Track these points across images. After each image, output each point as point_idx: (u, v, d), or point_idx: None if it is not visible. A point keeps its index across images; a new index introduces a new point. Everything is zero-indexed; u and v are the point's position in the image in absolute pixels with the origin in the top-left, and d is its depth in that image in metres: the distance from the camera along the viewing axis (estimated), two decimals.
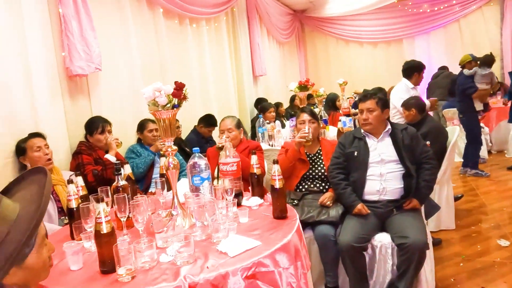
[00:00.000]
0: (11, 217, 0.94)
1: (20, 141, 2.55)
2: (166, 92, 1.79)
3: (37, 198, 0.99)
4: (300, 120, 2.88)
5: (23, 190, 1.05)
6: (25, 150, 2.54)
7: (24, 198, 1.01)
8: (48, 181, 1.02)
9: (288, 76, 8.57)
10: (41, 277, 1.05)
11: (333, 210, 2.50)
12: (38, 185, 1.03)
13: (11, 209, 0.96)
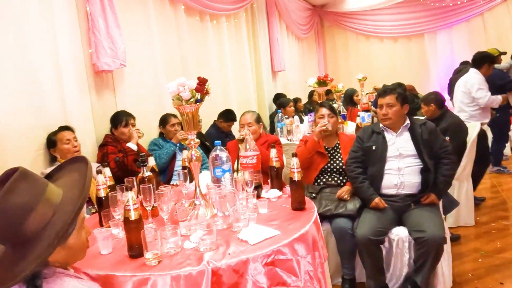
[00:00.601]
0: (56, 201, 1.04)
1: (51, 134, 2.69)
2: (189, 87, 1.86)
3: (79, 183, 1.08)
4: (319, 114, 2.92)
5: (64, 177, 1.15)
6: (55, 143, 2.67)
7: (66, 184, 1.11)
8: (89, 168, 1.11)
9: (306, 72, 8.56)
10: (79, 257, 1.15)
11: (350, 204, 2.54)
12: (78, 173, 1.13)
13: (56, 193, 1.06)
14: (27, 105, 2.58)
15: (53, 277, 1.01)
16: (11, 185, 0.97)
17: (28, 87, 2.59)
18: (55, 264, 1.05)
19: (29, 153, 2.57)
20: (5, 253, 1.03)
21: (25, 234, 0.98)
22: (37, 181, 1.04)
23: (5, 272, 0.98)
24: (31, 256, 0.97)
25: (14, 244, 1.01)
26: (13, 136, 2.46)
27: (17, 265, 0.97)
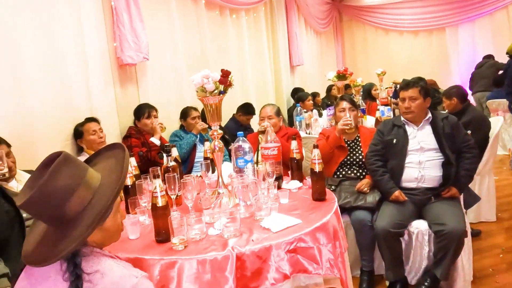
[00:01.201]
0: (95, 185, 1.09)
1: (78, 125, 2.78)
2: (213, 79, 1.91)
3: (116, 169, 1.14)
4: (340, 108, 2.93)
5: (102, 162, 1.21)
6: (82, 134, 2.76)
7: (104, 169, 1.16)
8: (126, 155, 1.17)
9: (325, 66, 8.53)
10: (114, 238, 1.21)
11: (370, 197, 2.55)
12: (115, 159, 1.18)
13: (95, 177, 1.11)
14: (56, 97, 2.68)
15: (91, 256, 1.07)
16: (55, 168, 1.02)
17: (57, 80, 2.69)
18: (92, 244, 1.11)
19: (57, 144, 2.67)
20: (47, 231, 1.09)
21: (67, 215, 1.04)
22: (79, 165, 1.09)
23: (48, 250, 1.04)
24: (72, 236, 1.03)
25: (56, 224, 1.07)
26: (43, 127, 2.56)
27: (60, 244, 1.03)
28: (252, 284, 1.50)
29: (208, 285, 1.43)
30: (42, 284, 1.05)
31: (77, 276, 1.02)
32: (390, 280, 2.43)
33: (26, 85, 2.46)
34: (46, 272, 1.06)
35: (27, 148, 2.39)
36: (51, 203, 1.02)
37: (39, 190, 1.00)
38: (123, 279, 1.04)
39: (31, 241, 1.12)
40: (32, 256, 1.07)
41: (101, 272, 1.04)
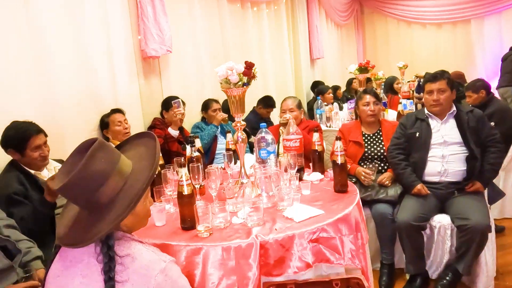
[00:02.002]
0: (127, 171, 1.13)
1: (104, 116, 2.86)
2: (237, 71, 1.93)
3: (147, 156, 1.18)
4: (363, 102, 2.89)
5: (131, 150, 1.25)
6: (108, 124, 2.84)
7: (134, 156, 1.20)
8: (157, 142, 1.20)
9: (345, 60, 8.44)
10: (143, 223, 1.25)
11: (391, 190, 2.55)
12: (145, 146, 1.22)
13: (127, 164, 1.15)
14: (83, 89, 2.77)
15: (122, 240, 1.12)
16: (92, 153, 1.05)
17: (84, 72, 2.77)
18: (123, 228, 1.16)
19: (84, 134, 2.75)
20: (80, 215, 1.14)
21: (101, 199, 1.08)
22: (113, 151, 1.13)
23: (83, 232, 1.09)
24: (107, 219, 1.07)
25: (91, 208, 1.11)
26: (71, 118, 2.65)
27: (94, 227, 1.07)
28: (275, 271, 1.53)
29: (232, 272, 1.47)
30: (76, 266, 1.10)
31: (110, 257, 1.06)
32: (410, 273, 2.43)
33: (55, 77, 2.55)
34: (79, 255, 1.11)
35: (56, 138, 2.47)
36: (87, 187, 1.06)
37: (77, 174, 1.03)
38: (152, 263, 1.08)
39: (64, 224, 1.17)
40: (67, 238, 1.12)
41: (131, 256, 1.08)
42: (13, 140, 2.07)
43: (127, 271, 1.06)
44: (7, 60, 2.25)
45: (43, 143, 2.12)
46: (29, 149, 2.07)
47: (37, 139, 2.09)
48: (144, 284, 1.05)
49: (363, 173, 2.59)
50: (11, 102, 2.27)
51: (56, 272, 1.13)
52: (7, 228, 1.77)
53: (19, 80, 2.31)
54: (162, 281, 1.07)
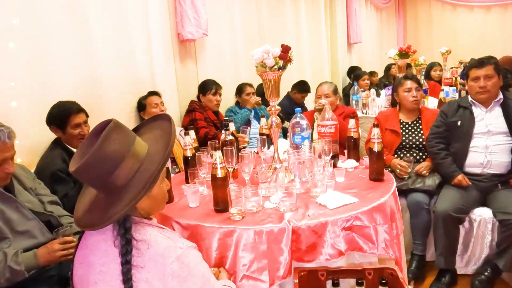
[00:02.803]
0: (142, 154, 1.11)
1: (141, 98, 2.92)
2: (273, 54, 1.90)
3: (162, 139, 1.15)
4: (405, 88, 2.77)
5: (147, 133, 1.23)
6: (145, 106, 2.90)
7: (150, 139, 1.18)
8: (173, 125, 1.18)
9: (384, 44, 8.16)
10: (160, 207, 1.23)
11: (429, 180, 2.46)
12: (160, 129, 1.19)
13: (142, 146, 1.13)
14: (122, 71, 2.83)
15: (138, 225, 1.10)
16: (106, 134, 1.03)
17: (123, 54, 2.83)
18: (140, 212, 1.14)
19: (123, 115, 2.83)
20: (97, 198, 1.13)
21: (117, 181, 1.06)
22: (128, 133, 1.11)
23: (99, 215, 1.08)
24: (123, 202, 1.05)
25: (107, 190, 1.09)
26: (111, 99, 2.73)
27: (111, 209, 1.06)
28: (307, 257, 1.53)
29: (264, 255, 1.48)
30: (95, 255, 1.11)
31: (127, 240, 1.05)
32: (440, 266, 2.33)
33: (96, 59, 2.62)
34: (97, 243, 1.11)
35: (96, 118, 2.55)
36: (102, 169, 1.04)
37: (91, 156, 1.02)
38: (167, 250, 1.06)
39: (81, 207, 1.17)
40: (84, 221, 1.12)
41: (147, 242, 1.07)
42: (56, 118, 2.19)
43: (143, 258, 1.05)
44: (51, 43, 2.33)
45: (83, 122, 2.22)
46: (70, 126, 2.18)
47: (77, 118, 2.19)
48: (160, 271, 1.04)
49: (398, 166, 2.51)
50: (55, 83, 2.36)
51: (79, 259, 1.15)
52: (51, 204, 1.86)
53: (62, 63, 2.40)
54: (178, 269, 1.05)
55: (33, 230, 1.67)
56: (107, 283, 1.07)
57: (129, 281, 1.03)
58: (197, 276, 1.09)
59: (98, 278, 1.09)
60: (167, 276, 1.04)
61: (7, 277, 1.49)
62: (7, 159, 1.59)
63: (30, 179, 1.87)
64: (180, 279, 1.05)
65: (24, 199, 1.73)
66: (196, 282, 1.08)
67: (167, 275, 1.04)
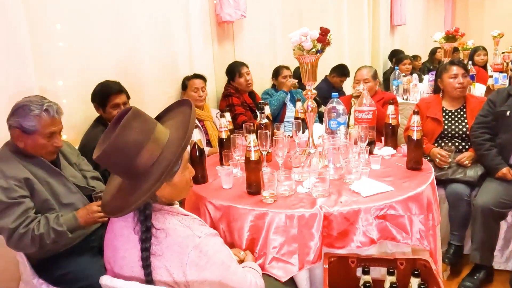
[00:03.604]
0: (163, 140, 1.11)
1: (185, 78, 2.98)
2: (312, 37, 1.87)
3: (183, 125, 1.15)
4: (450, 74, 2.62)
5: (171, 119, 1.23)
6: (187, 87, 2.95)
7: (173, 125, 1.18)
8: (193, 112, 1.18)
9: (430, 27, 7.75)
10: (183, 194, 1.23)
11: (471, 170, 2.36)
12: (183, 115, 1.19)
13: (164, 133, 1.13)
14: (161, 53, 2.88)
15: (159, 213, 1.12)
16: (125, 122, 1.04)
17: (163, 37, 2.87)
18: (162, 199, 1.15)
19: (160, 97, 2.89)
20: (122, 184, 1.16)
21: (138, 168, 1.07)
22: (148, 120, 1.11)
23: (122, 201, 1.10)
24: (143, 189, 1.06)
25: (129, 177, 1.12)
26: (149, 81, 2.79)
27: (131, 196, 1.08)
28: (338, 244, 1.52)
29: (294, 239, 1.49)
30: (118, 240, 1.15)
31: (147, 227, 1.07)
32: (475, 261, 2.23)
33: (136, 41, 2.67)
34: (120, 229, 1.15)
35: (134, 98, 2.62)
36: (123, 156, 1.06)
37: (112, 143, 1.04)
38: (185, 239, 1.07)
39: (108, 193, 1.21)
40: (108, 206, 1.16)
41: (165, 231, 1.08)
42: (97, 96, 2.28)
43: (161, 246, 1.07)
44: (94, 26, 2.40)
45: (122, 103, 2.28)
46: (109, 106, 2.26)
47: (117, 98, 2.26)
48: (178, 260, 1.06)
49: (438, 155, 2.41)
50: (97, 64, 2.43)
51: (107, 242, 1.20)
52: (93, 179, 1.96)
53: (104, 44, 2.46)
54: (196, 258, 1.06)
55: (77, 203, 1.77)
56: (130, 267, 1.12)
57: (148, 267, 1.07)
58: (216, 264, 1.10)
59: (123, 262, 1.14)
60: (185, 265, 1.06)
61: (52, 238, 1.59)
62: (55, 133, 1.69)
63: (74, 155, 1.97)
64: (198, 268, 1.07)
65: (69, 173, 1.83)
66: (215, 270, 1.09)
67: (185, 264, 1.06)
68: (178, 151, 1.08)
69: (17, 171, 1.61)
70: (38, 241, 1.57)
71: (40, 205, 1.65)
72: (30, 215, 1.58)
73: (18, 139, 1.64)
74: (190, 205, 1.81)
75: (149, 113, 1.16)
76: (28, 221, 1.57)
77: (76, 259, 1.73)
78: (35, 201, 1.63)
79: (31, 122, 1.61)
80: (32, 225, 1.57)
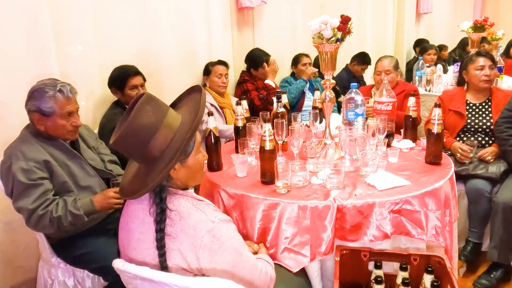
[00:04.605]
0: (175, 125, 1.14)
1: (209, 63, 2.99)
2: (332, 25, 1.82)
3: (194, 110, 1.17)
4: (476, 65, 2.52)
5: (184, 106, 1.26)
6: (210, 72, 2.95)
7: (185, 111, 1.21)
8: (203, 95, 1.20)
9: (458, 16, 7.47)
10: (197, 179, 1.26)
11: (493, 166, 2.29)
12: (195, 101, 1.21)
13: (176, 118, 1.16)
14: (181, 39, 2.88)
15: (173, 196, 1.14)
16: (140, 105, 1.08)
17: (182, 22, 2.87)
18: (177, 182, 1.18)
19: (179, 82, 2.89)
20: (139, 168, 1.20)
21: (153, 152, 1.10)
22: (160, 105, 1.14)
23: (138, 184, 1.14)
24: (157, 170, 1.10)
25: (145, 161, 1.15)
26: (169, 66, 2.80)
27: (147, 177, 1.11)
28: (350, 237, 1.51)
29: (306, 231, 1.49)
30: (134, 222, 1.18)
31: (162, 209, 1.09)
32: (493, 260, 2.18)
33: (155, 26, 2.68)
34: (135, 211, 1.18)
35: (155, 85, 2.64)
36: (137, 140, 1.09)
37: (126, 128, 1.07)
38: (199, 223, 1.09)
39: (126, 177, 1.24)
40: (126, 189, 1.19)
41: (180, 213, 1.10)
42: (116, 79, 2.34)
43: (175, 228, 1.09)
44: (114, 12, 2.42)
45: (140, 85, 2.35)
46: (128, 88, 2.32)
47: (135, 80, 2.32)
48: (191, 243, 1.08)
49: (459, 150, 2.35)
50: (118, 49, 2.46)
51: (122, 225, 1.23)
52: (111, 163, 2.00)
53: (124, 30, 2.49)
54: (209, 242, 1.07)
55: (94, 186, 1.81)
56: (144, 250, 1.14)
57: (162, 248, 1.09)
58: (228, 250, 1.11)
59: (137, 245, 1.16)
60: (198, 248, 1.07)
61: (69, 221, 1.64)
62: (73, 113, 1.72)
63: (93, 138, 2.01)
64: (211, 252, 1.08)
65: (88, 156, 1.87)
66: (227, 255, 1.11)
67: (198, 248, 1.07)
68: (190, 131, 1.11)
69: (37, 153, 1.65)
70: (56, 223, 1.61)
71: (59, 187, 1.69)
72: (49, 197, 1.63)
73: (39, 123, 1.68)
74: (205, 192, 1.82)
75: (167, 99, 1.19)
76: (47, 203, 1.61)
77: (93, 240, 1.77)
78: (54, 183, 1.67)
79: (48, 104, 1.64)
80: (51, 207, 1.61)
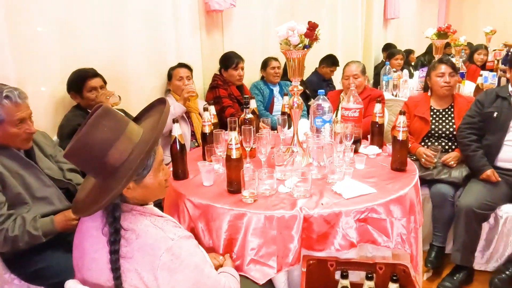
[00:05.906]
0: (135, 139, 1.08)
1: (170, 68, 2.89)
2: (299, 32, 1.81)
3: (155, 125, 1.10)
4: (437, 72, 2.59)
5: (150, 117, 1.19)
6: (171, 77, 2.87)
7: (148, 124, 1.15)
8: (167, 108, 1.13)
9: (424, 21, 7.71)
10: (157, 196, 1.18)
11: (456, 171, 2.35)
12: (160, 114, 1.12)
13: (136, 132, 1.09)
14: (149, 41, 2.80)
15: (129, 213, 1.08)
16: (94, 121, 1.02)
17: (150, 24, 2.79)
18: (134, 201, 1.11)
19: (147, 85, 2.82)
20: (95, 183, 1.13)
21: (107, 167, 1.04)
22: (119, 119, 1.07)
23: (90, 200, 1.08)
24: (108, 188, 1.02)
25: (99, 176, 1.09)
26: (137, 69, 2.72)
27: (99, 196, 1.04)
28: (317, 246, 1.50)
29: (273, 241, 1.46)
30: (87, 241, 1.11)
31: (115, 229, 1.03)
32: (456, 262, 2.24)
33: (122, 28, 2.59)
34: (89, 229, 1.11)
35: (122, 86, 2.53)
36: (90, 154, 1.03)
37: (78, 141, 1.01)
38: (157, 241, 1.03)
39: (82, 191, 1.17)
40: (80, 205, 1.12)
41: (136, 232, 1.04)
42: (73, 82, 2.25)
43: (131, 248, 1.03)
44: (81, 12, 2.34)
45: (99, 86, 2.26)
46: (86, 90, 2.23)
47: (93, 81, 2.24)
48: (149, 263, 1.01)
49: (424, 155, 2.40)
50: (81, 51, 2.37)
51: (76, 243, 1.16)
52: (70, 171, 1.90)
53: (90, 32, 2.41)
54: (168, 261, 1.02)
55: (51, 197, 1.72)
56: (98, 270, 1.07)
57: (117, 270, 1.02)
58: (189, 267, 1.06)
59: (91, 265, 1.09)
60: (156, 268, 1.01)
61: (26, 241, 1.55)
62: (25, 119, 1.61)
63: (50, 146, 1.90)
64: (170, 271, 1.03)
65: (44, 165, 1.77)
66: (188, 274, 1.06)
67: (156, 268, 1.01)
68: (145, 152, 1.03)
69: None
70: (10, 243, 1.52)
71: (13, 199, 1.59)
72: (3, 212, 1.53)
73: None
74: (170, 201, 1.76)
75: (134, 102, 1.12)
76: (2, 219, 1.51)
77: (51, 254, 1.68)
78: (7, 195, 1.57)
79: None
80: (7, 224, 1.51)
